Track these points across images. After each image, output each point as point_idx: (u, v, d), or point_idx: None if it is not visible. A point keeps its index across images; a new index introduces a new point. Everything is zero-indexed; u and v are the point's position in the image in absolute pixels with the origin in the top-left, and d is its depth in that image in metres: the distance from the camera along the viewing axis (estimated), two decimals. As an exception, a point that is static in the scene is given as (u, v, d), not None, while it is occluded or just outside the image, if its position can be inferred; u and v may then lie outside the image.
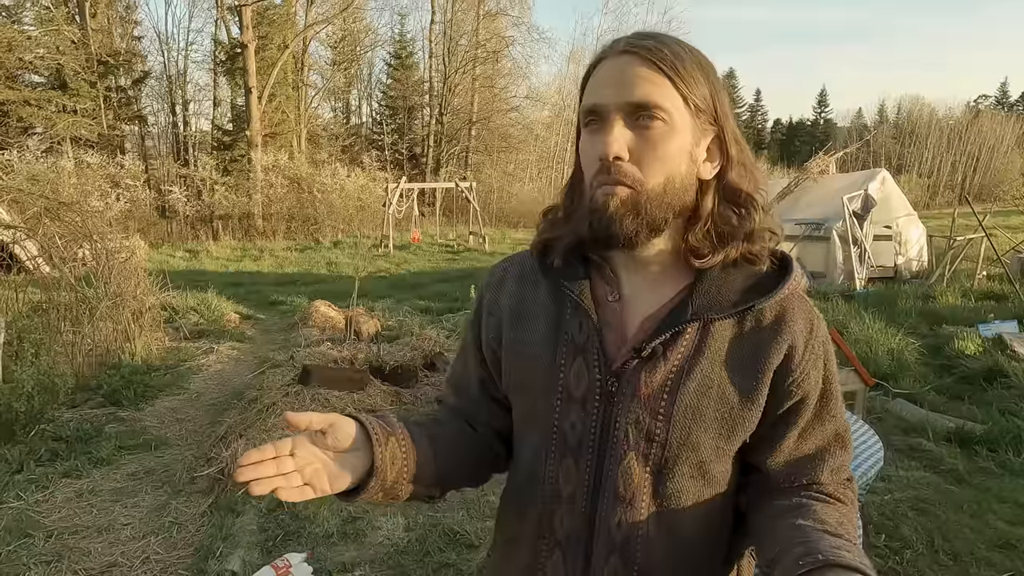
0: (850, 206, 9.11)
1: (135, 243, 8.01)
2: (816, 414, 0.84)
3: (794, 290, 0.83)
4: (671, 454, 0.80)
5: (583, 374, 0.82)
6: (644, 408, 0.80)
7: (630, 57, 0.76)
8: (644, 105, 0.75)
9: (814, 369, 0.82)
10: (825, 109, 53.60)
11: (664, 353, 0.80)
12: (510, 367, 0.90)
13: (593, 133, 0.79)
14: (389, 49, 33.96)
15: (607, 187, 0.77)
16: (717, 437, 0.81)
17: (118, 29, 25.73)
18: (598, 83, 0.78)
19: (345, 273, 12.86)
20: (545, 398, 0.85)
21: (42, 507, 3.27)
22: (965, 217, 11.08)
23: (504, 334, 0.90)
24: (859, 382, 3.64)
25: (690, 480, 0.82)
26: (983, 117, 40.28)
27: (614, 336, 0.83)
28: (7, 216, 6.49)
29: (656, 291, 0.84)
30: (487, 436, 0.96)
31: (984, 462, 3.64)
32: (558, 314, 0.86)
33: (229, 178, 22.66)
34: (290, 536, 2.92)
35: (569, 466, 0.84)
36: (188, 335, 7.06)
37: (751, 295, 0.80)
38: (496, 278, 0.96)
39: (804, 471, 0.85)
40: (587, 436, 0.82)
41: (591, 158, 0.79)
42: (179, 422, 4.62)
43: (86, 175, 18.53)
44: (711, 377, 0.79)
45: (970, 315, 6.92)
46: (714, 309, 0.79)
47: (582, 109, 0.80)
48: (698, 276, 0.81)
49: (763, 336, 0.81)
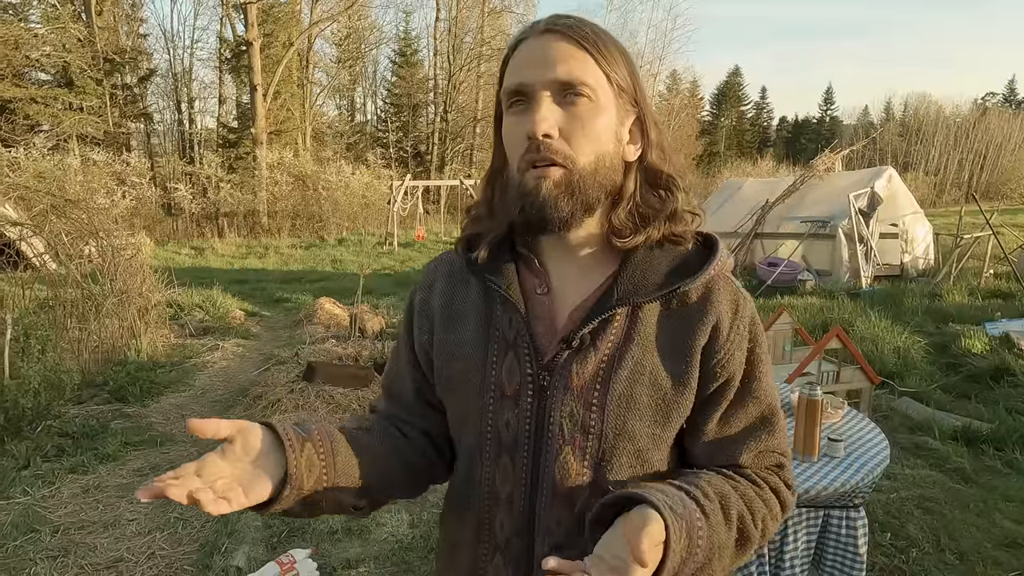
0: (856, 204, 9.07)
1: (141, 240, 8.04)
2: (740, 395, 0.82)
3: (720, 270, 0.82)
4: (608, 445, 0.78)
5: (515, 370, 0.80)
6: (577, 400, 0.78)
7: (552, 35, 0.75)
8: (570, 83, 0.74)
9: (739, 350, 0.81)
10: (831, 106, 53.27)
11: (594, 342, 0.78)
12: (442, 368, 0.87)
13: (519, 114, 0.76)
14: (394, 47, 34.02)
15: (538, 169, 0.75)
16: (653, 424, 0.79)
17: (124, 27, 25.81)
18: (521, 63, 0.76)
19: (350, 270, 12.88)
20: (478, 397, 0.82)
21: (48, 502, 3.29)
22: (972, 215, 11.01)
23: (435, 335, 0.88)
24: (865, 380, 3.63)
25: (629, 470, 0.80)
26: (990, 114, 40.00)
27: (544, 329, 0.81)
28: (14, 213, 6.51)
29: (584, 279, 0.82)
30: (420, 442, 0.92)
31: (991, 461, 3.62)
32: (488, 311, 0.84)
33: (234, 175, 22.73)
34: (295, 532, 2.93)
35: (506, 465, 0.82)
36: (193, 332, 7.08)
37: (676, 277, 0.79)
38: (427, 280, 0.93)
39: (723, 453, 0.83)
40: (522, 433, 0.80)
41: (518, 138, 0.76)
42: (184, 418, 4.61)
43: (92, 172, 18.58)
44: (643, 363, 0.78)
45: (977, 313, 6.89)
46: (640, 293, 0.78)
47: (505, 90, 0.78)
48: (623, 261, 0.80)
49: (689, 317, 0.80)
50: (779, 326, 4.10)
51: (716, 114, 49.67)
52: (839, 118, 52.15)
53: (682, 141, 34.29)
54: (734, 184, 12.77)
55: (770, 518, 0.81)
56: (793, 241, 9.61)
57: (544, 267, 0.84)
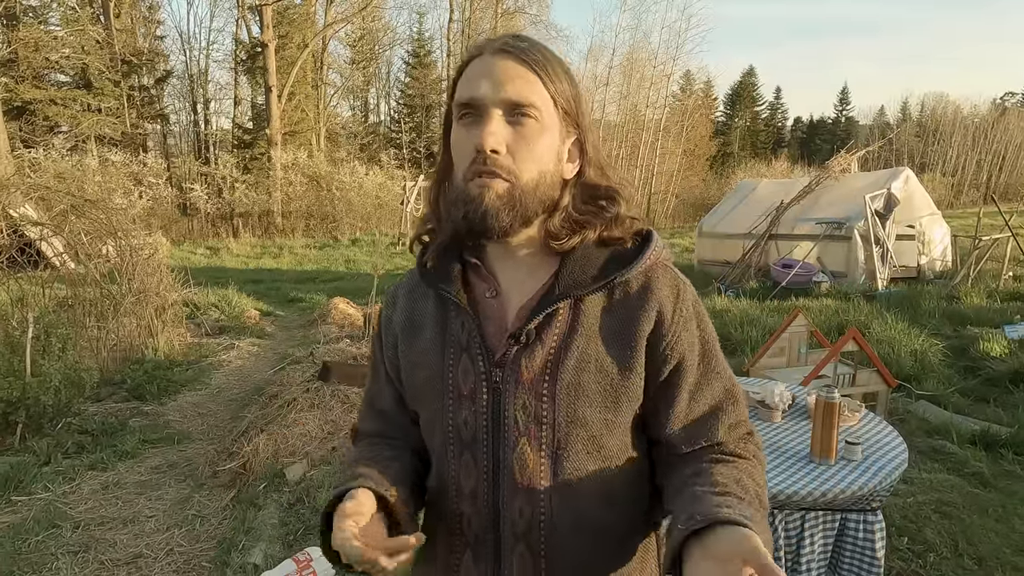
0: (872, 205, 8.98)
1: (158, 240, 8.11)
2: (702, 374, 0.87)
3: (657, 260, 0.87)
4: (562, 434, 0.82)
5: (469, 370, 0.85)
6: (528, 392, 0.82)
7: (506, 56, 0.80)
8: (520, 103, 0.79)
9: (685, 331, 0.86)
10: (846, 107, 52.71)
11: (540, 336, 0.83)
12: (408, 378, 0.92)
13: (469, 126, 0.80)
14: (407, 48, 34.16)
15: (483, 179, 0.79)
16: (603, 409, 0.83)
17: (141, 29, 26.13)
18: (474, 78, 0.80)
19: (363, 271, 12.95)
20: (439, 400, 0.87)
21: (69, 498, 3.34)
22: (990, 216, 10.89)
23: (399, 349, 0.93)
24: (882, 383, 3.60)
25: (586, 456, 0.84)
26: (1010, 114, 39.52)
27: (495, 329, 0.86)
28: (34, 213, 6.61)
29: (530, 279, 0.87)
30: (413, 461, 0.96)
31: (1010, 465, 3.57)
32: (443, 318, 0.89)
33: (249, 176, 22.94)
34: (311, 530, 2.95)
35: (467, 462, 0.86)
36: (209, 331, 7.16)
37: (612, 268, 0.84)
38: (390, 297, 0.99)
39: (703, 433, 0.87)
40: (480, 429, 0.85)
41: (466, 150, 0.80)
42: (201, 417, 4.68)
43: (110, 173, 18.84)
44: (587, 352, 0.82)
45: (995, 316, 6.80)
46: (579, 286, 0.83)
47: (457, 102, 0.82)
48: (563, 259, 0.85)
49: (632, 306, 0.84)
50: (794, 328, 4.07)
51: (730, 114, 49.36)
52: (855, 118, 51.65)
53: (696, 142, 34.13)
54: (748, 185, 12.69)
55: (765, 483, 0.87)
56: (808, 242, 9.53)
57: (491, 272, 0.89)
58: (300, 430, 3.77)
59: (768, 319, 6.80)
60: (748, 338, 6.07)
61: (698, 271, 11.35)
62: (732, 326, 6.47)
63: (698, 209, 26.79)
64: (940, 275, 9.63)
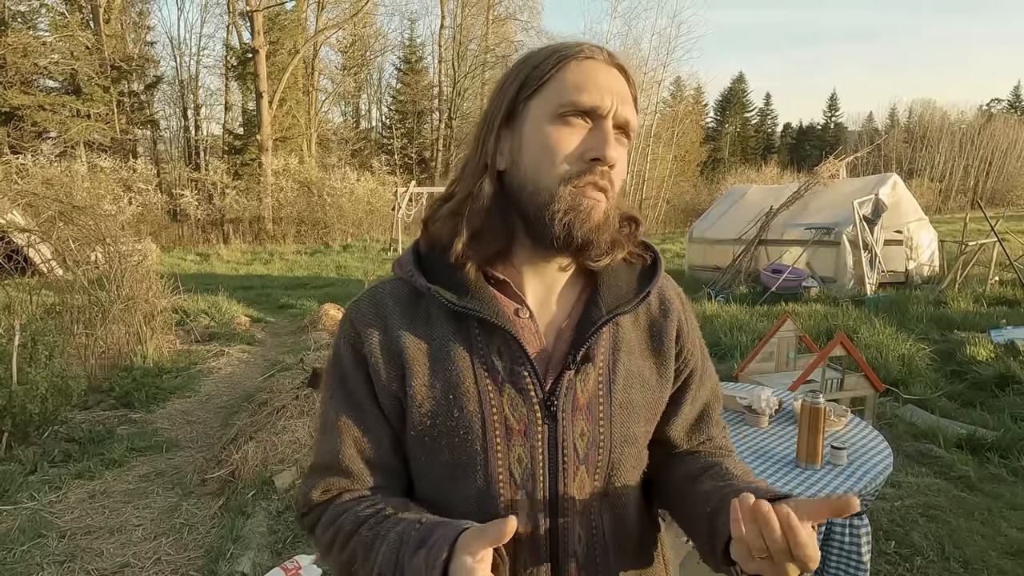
0: (861, 210, 9.06)
1: (147, 246, 8.07)
2: (700, 378, 0.91)
3: (663, 272, 0.90)
4: (616, 454, 0.81)
5: (518, 402, 0.77)
6: (586, 417, 0.79)
7: (620, 73, 0.79)
8: (628, 125, 0.79)
9: (695, 338, 0.91)
10: (835, 113, 53.13)
11: (591, 358, 0.80)
12: (425, 418, 0.78)
13: (575, 129, 0.76)
14: (399, 54, 34.18)
15: (593, 191, 0.76)
16: (646, 423, 0.85)
17: (131, 34, 26.01)
18: (595, 85, 0.76)
19: (355, 276, 12.92)
20: (480, 440, 0.76)
21: (55, 508, 3.31)
22: (977, 222, 11.00)
23: (409, 381, 0.78)
24: (869, 387, 3.63)
25: (631, 471, 0.84)
26: (996, 120, 39.92)
27: (537, 353, 0.79)
28: (22, 220, 6.56)
29: (560, 299, 0.84)
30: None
31: (996, 469, 3.61)
32: (468, 344, 0.79)
33: (240, 182, 22.85)
34: (300, 538, 2.94)
35: (522, 502, 0.77)
36: (199, 338, 7.12)
37: (644, 284, 0.85)
38: (371, 315, 0.82)
39: (701, 431, 0.92)
40: (537, 464, 0.77)
41: (573, 153, 0.76)
42: (190, 424, 4.65)
43: (99, 179, 18.74)
44: (632, 369, 0.83)
45: (982, 321, 6.86)
46: (622, 303, 0.82)
47: (573, 102, 0.75)
48: (598, 278, 0.84)
49: (657, 319, 0.87)
50: (783, 333, 4.10)
51: (720, 120, 49.64)
52: (844, 124, 52.07)
53: (686, 148, 34.29)
54: (738, 191, 12.77)
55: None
56: (797, 248, 9.60)
57: (521, 290, 0.82)
58: (290, 437, 3.75)
59: (757, 324, 6.84)
60: (737, 343, 6.10)
61: (688, 276, 11.40)
62: (722, 331, 6.51)
63: (688, 215, 26.91)
64: (928, 280, 9.71)
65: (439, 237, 0.82)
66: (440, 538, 0.66)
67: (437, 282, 0.79)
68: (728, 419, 2.45)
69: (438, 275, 0.80)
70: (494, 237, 0.79)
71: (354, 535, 0.75)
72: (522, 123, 0.78)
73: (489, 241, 0.79)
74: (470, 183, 0.80)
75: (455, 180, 0.84)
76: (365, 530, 0.75)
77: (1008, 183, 37.04)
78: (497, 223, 0.79)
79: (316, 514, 0.82)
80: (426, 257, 0.83)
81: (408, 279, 0.81)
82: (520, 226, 0.80)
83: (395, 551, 0.69)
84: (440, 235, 0.82)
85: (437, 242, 0.82)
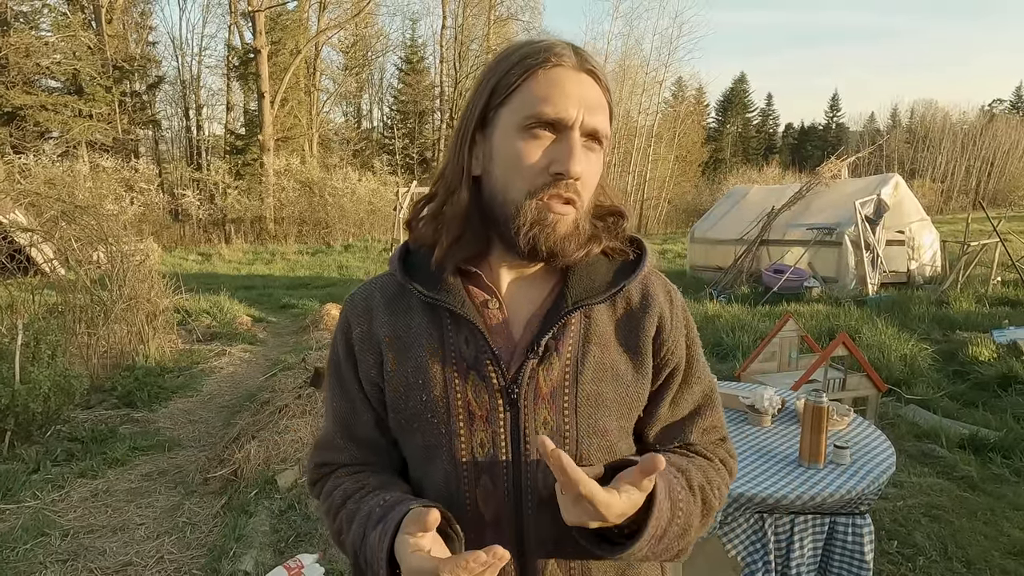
0: (862, 211, 9.05)
1: (149, 246, 8.08)
2: (685, 380, 0.89)
3: (651, 267, 0.89)
4: (583, 446, 0.81)
5: (481, 388, 0.80)
6: (549, 406, 0.80)
7: (591, 78, 0.78)
8: (597, 134, 0.78)
9: (680, 337, 0.88)
10: (837, 113, 53.09)
11: (556, 348, 0.81)
12: (399, 402, 0.83)
13: (541, 141, 0.76)
14: (400, 54, 34.21)
15: (559, 205, 0.77)
16: (619, 417, 0.84)
17: (133, 35, 26.05)
18: (561, 96, 0.75)
19: (356, 276, 12.93)
20: (445, 424, 0.80)
21: (58, 506, 3.32)
22: (979, 222, 10.99)
23: (386, 367, 0.84)
24: (871, 387, 3.63)
25: (600, 464, 0.82)
26: (998, 121, 39.86)
27: (503, 342, 0.82)
28: (25, 219, 6.58)
29: (532, 290, 0.85)
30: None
31: (998, 469, 3.60)
32: (439, 333, 0.82)
33: (241, 182, 22.89)
34: (302, 537, 2.94)
35: (486, 486, 0.80)
36: (201, 337, 7.13)
37: (619, 277, 0.85)
38: (360, 310, 0.88)
39: (675, 434, 0.90)
40: (499, 450, 0.79)
41: (536, 165, 0.76)
42: (192, 423, 4.66)
43: (101, 179, 18.78)
44: (603, 361, 0.82)
45: (984, 321, 6.85)
46: (591, 295, 0.82)
47: (536, 114, 0.75)
48: (569, 271, 0.84)
49: (637, 314, 0.86)
50: (785, 333, 4.10)
51: (722, 121, 49.63)
52: (845, 125, 52.03)
53: (688, 148, 34.29)
54: (740, 191, 12.77)
55: (724, 487, 0.88)
56: (799, 248, 9.59)
57: (494, 283, 0.84)
58: (292, 437, 3.76)
59: (759, 324, 6.83)
60: (739, 343, 6.10)
61: (690, 276, 11.40)
62: (724, 331, 6.50)
63: (690, 215, 26.91)
64: (929, 280, 9.71)
65: (424, 239, 0.86)
66: (392, 517, 0.73)
67: (416, 276, 0.84)
68: (731, 418, 2.45)
69: (419, 269, 0.85)
70: (471, 241, 0.83)
71: (341, 508, 0.84)
72: (493, 131, 0.80)
73: (466, 245, 0.82)
74: (449, 186, 0.84)
75: (436, 180, 0.88)
76: (351, 503, 0.83)
77: (1010, 183, 36.98)
78: (475, 228, 0.82)
79: (320, 485, 0.92)
80: (414, 253, 0.88)
81: (393, 273, 0.87)
82: (495, 231, 0.82)
83: (362, 526, 0.78)
84: (424, 237, 0.86)
85: (423, 242, 0.87)
